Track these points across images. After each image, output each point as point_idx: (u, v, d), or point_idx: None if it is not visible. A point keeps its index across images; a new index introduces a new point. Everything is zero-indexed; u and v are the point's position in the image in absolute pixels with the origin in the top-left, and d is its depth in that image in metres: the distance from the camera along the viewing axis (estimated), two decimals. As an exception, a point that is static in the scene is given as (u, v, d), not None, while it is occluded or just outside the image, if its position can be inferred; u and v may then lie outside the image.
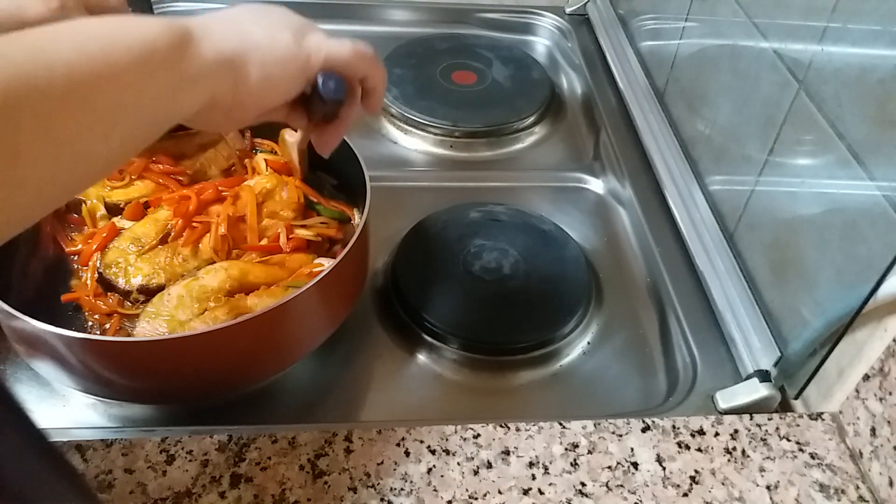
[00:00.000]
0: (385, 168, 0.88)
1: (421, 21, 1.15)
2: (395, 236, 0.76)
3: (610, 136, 0.91)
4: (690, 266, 0.73)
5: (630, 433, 0.54)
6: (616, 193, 0.86)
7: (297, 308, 0.55)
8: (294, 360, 0.61)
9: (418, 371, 0.66)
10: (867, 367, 0.54)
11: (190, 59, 0.37)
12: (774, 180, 0.65)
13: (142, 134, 0.37)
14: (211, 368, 0.56)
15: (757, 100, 0.68)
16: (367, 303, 0.70)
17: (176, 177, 0.70)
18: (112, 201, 0.67)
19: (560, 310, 0.69)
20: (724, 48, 0.75)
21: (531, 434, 0.54)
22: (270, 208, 0.67)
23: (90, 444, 0.51)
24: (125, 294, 0.61)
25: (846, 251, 0.54)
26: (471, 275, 0.72)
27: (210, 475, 0.50)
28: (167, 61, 0.36)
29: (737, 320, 0.65)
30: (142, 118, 0.36)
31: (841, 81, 0.55)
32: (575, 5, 1.15)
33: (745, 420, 0.56)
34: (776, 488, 0.52)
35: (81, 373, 0.54)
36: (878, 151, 0.52)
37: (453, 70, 1.02)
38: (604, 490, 0.51)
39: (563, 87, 1.07)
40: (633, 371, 0.67)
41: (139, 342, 0.55)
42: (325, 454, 0.52)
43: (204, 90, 0.39)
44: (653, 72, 0.95)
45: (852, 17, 0.54)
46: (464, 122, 0.93)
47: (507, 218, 0.79)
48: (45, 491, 0.32)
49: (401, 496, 0.49)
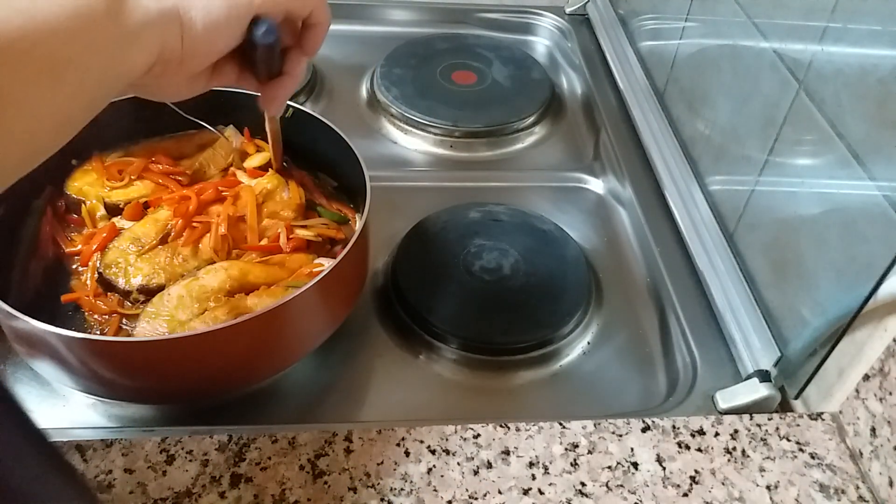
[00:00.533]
0: (385, 168, 0.88)
1: (421, 21, 1.15)
2: (395, 236, 0.76)
3: (610, 136, 0.91)
4: (690, 266, 0.73)
5: (630, 433, 0.54)
6: (616, 193, 0.86)
7: (297, 308, 0.55)
8: (294, 360, 0.61)
9: (418, 371, 0.66)
10: (867, 367, 0.54)
11: (130, 12, 0.37)
12: (774, 180, 0.65)
13: (93, 91, 0.36)
14: (211, 368, 0.56)
15: (757, 100, 0.68)
16: (367, 303, 0.70)
17: (175, 177, 0.70)
18: (112, 201, 0.67)
19: (560, 310, 0.69)
20: (724, 48, 0.75)
21: (531, 434, 0.54)
22: (271, 208, 0.67)
23: (90, 444, 0.51)
24: (125, 294, 0.61)
25: (846, 251, 0.54)
26: (471, 275, 0.72)
27: (210, 475, 0.50)
28: (106, 15, 0.36)
29: (737, 320, 0.65)
30: (89, 74, 0.35)
31: (841, 81, 0.55)
32: (575, 5, 1.15)
33: (745, 420, 0.56)
34: (776, 488, 0.52)
35: (81, 373, 0.54)
36: (878, 151, 0.52)
37: (453, 70, 1.02)
38: (604, 490, 0.51)
39: (563, 87, 1.07)
40: (633, 371, 0.67)
41: (139, 342, 0.55)
42: (325, 454, 0.52)
43: (151, 42, 0.39)
44: (653, 72, 0.95)
45: (852, 17, 0.54)
46: (464, 122, 0.93)
47: (507, 218, 0.79)
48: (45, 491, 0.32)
49: (401, 496, 0.49)
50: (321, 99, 0.99)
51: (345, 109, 0.98)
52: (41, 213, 0.66)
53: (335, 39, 1.11)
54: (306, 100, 0.97)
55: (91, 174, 0.69)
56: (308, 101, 0.97)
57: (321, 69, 1.03)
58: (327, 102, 0.99)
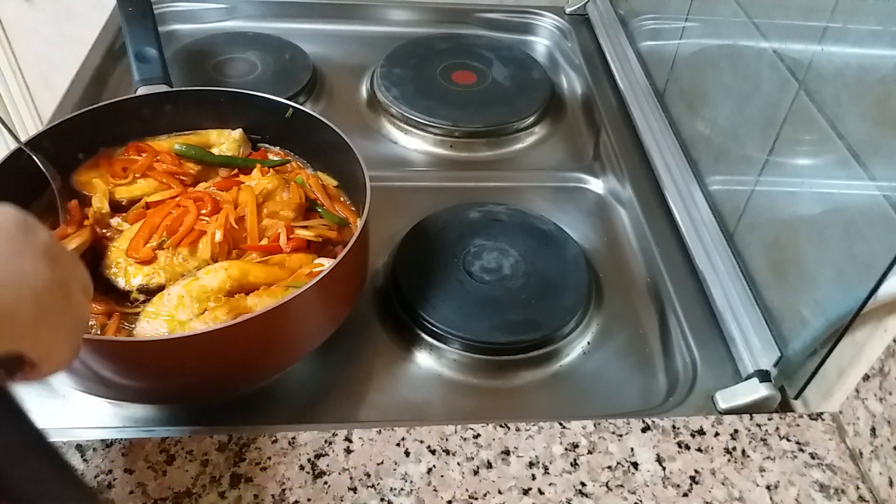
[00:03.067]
0: (385, 168, 0.88)
1: (421, 21, 1.15)
2: (395, 236, 0.76)
3: (610, 136, 0.91)
4: (690, 266, 0.73)
5: (630, 433, 0.54)
6: (616, 193, 0.86)
7: (297, 308, 0.55)
8: (294, 360, 0.61)
9: (418, 371, 0.66)
10: (867, 367, 0.54)
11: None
12: (774, 180, 0.65)
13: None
14: (211, 368, 0.56)
15: (757, 100, 0.68)
16: (367, 303, 0.70)
17: (179, 176, 0.70)
18: (116, 198, 0.67)
19: (560, 310, 0.69)
20: (724, 48, 0.75)
21: (531, 434, 0.54)
22: (271, 208, 0.67)
23: (90, 444, 0.51)
24: (125, 294, 0.61)
25: (846, 251, 0.54)
26: (471, 275, 0.72)
27: (210, 475, 0.50)
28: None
29: (737, 320, 0.65)
30: None
31: (841, 81, 0.55)
32: (575, 5, 1.15)
33: (745, 420, 0.56)
34: (776, 488, 0.52)
35: (81, 373, 0.54)
36: (878, 151, 0.52)
37: (453, 70, 1.02)
38: (604, 490, 0.51)
39: (563, 87, 1.07)
40: (633, 371, 0.67)
41: (139, 342, 0.55)
42: (325, 454, 0.52)
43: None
44: (653, 72, 0.95)
45: (852, 17, 0.54)
46: (464, 122, 0.93)
47: (507, 218, 0.79)
48: (45, 491, 0.32)
49: (401, 496, 0.49)
50: (321, 99, 0.99)
51: (345, 109, 0.98)
52: (44, 210, 0.67)
53: (335, 39, 1.11)
54: (306, 100, 0.97)
55: (97, 170, 0.69)
56: (308, 101, 0.97)
57: (321, 69, 1.03)
58: (327, 102, 0.99)
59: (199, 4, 1.11)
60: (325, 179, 0.73)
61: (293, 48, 1.04)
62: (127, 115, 0.72)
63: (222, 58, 1.02)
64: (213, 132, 0.75)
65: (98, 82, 0.95)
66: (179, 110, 0.74)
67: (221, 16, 1.12)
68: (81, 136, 0.69)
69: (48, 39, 1.34)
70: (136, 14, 0.85)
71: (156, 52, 0.81)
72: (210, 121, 0.75)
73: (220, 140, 0.74)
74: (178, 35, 1.09)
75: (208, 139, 0.74)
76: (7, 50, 1.35)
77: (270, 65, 1.00)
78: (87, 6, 1.27)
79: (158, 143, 0.73)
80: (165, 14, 1.09)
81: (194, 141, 0.74)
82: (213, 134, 0.74)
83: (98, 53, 0.99)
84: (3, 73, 1.39)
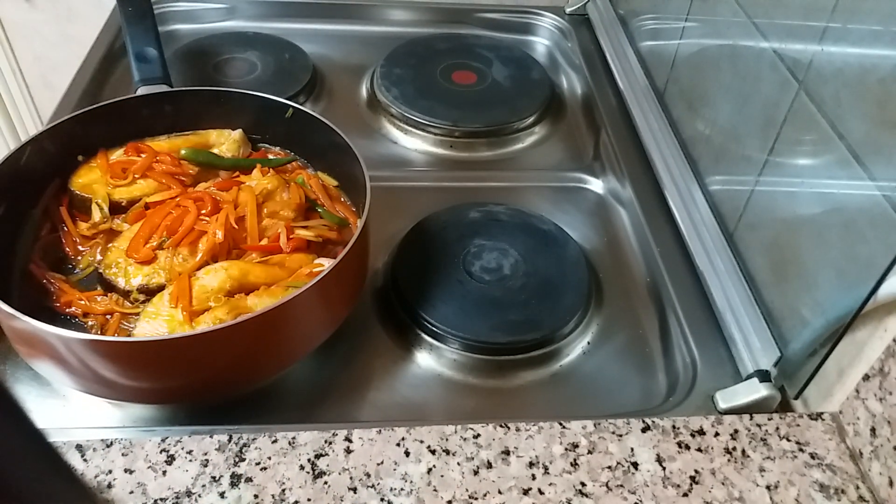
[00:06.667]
0: (385, 168, 0.88)
1: (421, 21, 1.15)
2: (395, 236, 0.76)
3: (610, 136, 0.91)
4: (690, 266, 0.73)
5: (630, 433, 0.54)
6: (616, 193, 0.86)
7: (297, 308, 0.55)
8: (294, 360, 0.61)
9: (418, 371, 0.66)
10: (867, 367, 0.54)
11: None
12: (774, 180, 0.65)
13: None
14: (211, 368, 0.56)
15: (757, 100, 0.68)
16: (367, 303, 0.70)
17: (178, 176, 0.70)
18: (115, 199, 0.67)
19: (560, 310, 0.69)
20: (724, 48, 0.75)
21: (531, 434, 0.54)
22: (271, 208, 0.67)
23: (90, 444, 0.51)
24: (125, 294, 0.61)
25: (846, 251, 0.54)
26: (471, 275, 0.72)
27: (210, 475, 0.50)
28: None
29: (737, 320, 0.65)
30: None
31: (841, 81, 0.55)
32: (575, 5, 1.15)
33: (745, 420, 0.56)
34: (776, 488, 0.52)
35: (81, 373, 0.54)
36: (878, 151, 0.52)
37: (453, 70, 1.02)
38: (604, 490, 0.51)
39: (563, 87, 1.07)
40: (633, 371, 0.67)
41: (139, 342, 0.55)
42: (325, 454, 0.52)
43: None
44: (653, 72, 0.95)
45: (852, 17, 0.54)
46: (464, 122, 0.93)
47: (507, 218, 0.79)
48: (45, 491, 0.32)
49: (401, 496, 0.49)
50: (321, 99, 0.99)
51: (345, 109, 0.98)
52: (43, 212, 0.67)
53: (335, 39, 1.11)
54: (306, 100, 0.97)
55: (96, 171, 0.69)
56: (308, 101, 0.97)
57: (321, 69, 1.03)
58: (327, 102, 0.99)
59: (199, 4, 1.11)
60: (325, 179, 0.73)
61: (293, 48, 1.04)
62: (127, 116, 0.72)
63: (222, 58, 1.02)
64: (213, 132, 0.75)
65: (98, 82, 0.95)
66: (179, 110, 0.74)
67: (221, 16, 1.12)
68: (81, 136, 0.69)
69: (48, 39, 1.34)
70: (136, 14, 0.85)
71: (156, 52, 0.81)
72: (210, 121, 0.75)
73: (220, 140, 0.74)
74: (178, 35, 1.09)
75: (208, 139, 0.74)
76: (7, 50, 1.35)
77: (270, 65, 1.00)
78: (87, 6, 1.27)
79: (158, 143, 0.73)
80: (165, 14, 1.09)
81: (194, 141, 0.74)
82: (212, 134, 0.75)
83: (98, 53, 0.99)
84: (3, 73, 1.39)
